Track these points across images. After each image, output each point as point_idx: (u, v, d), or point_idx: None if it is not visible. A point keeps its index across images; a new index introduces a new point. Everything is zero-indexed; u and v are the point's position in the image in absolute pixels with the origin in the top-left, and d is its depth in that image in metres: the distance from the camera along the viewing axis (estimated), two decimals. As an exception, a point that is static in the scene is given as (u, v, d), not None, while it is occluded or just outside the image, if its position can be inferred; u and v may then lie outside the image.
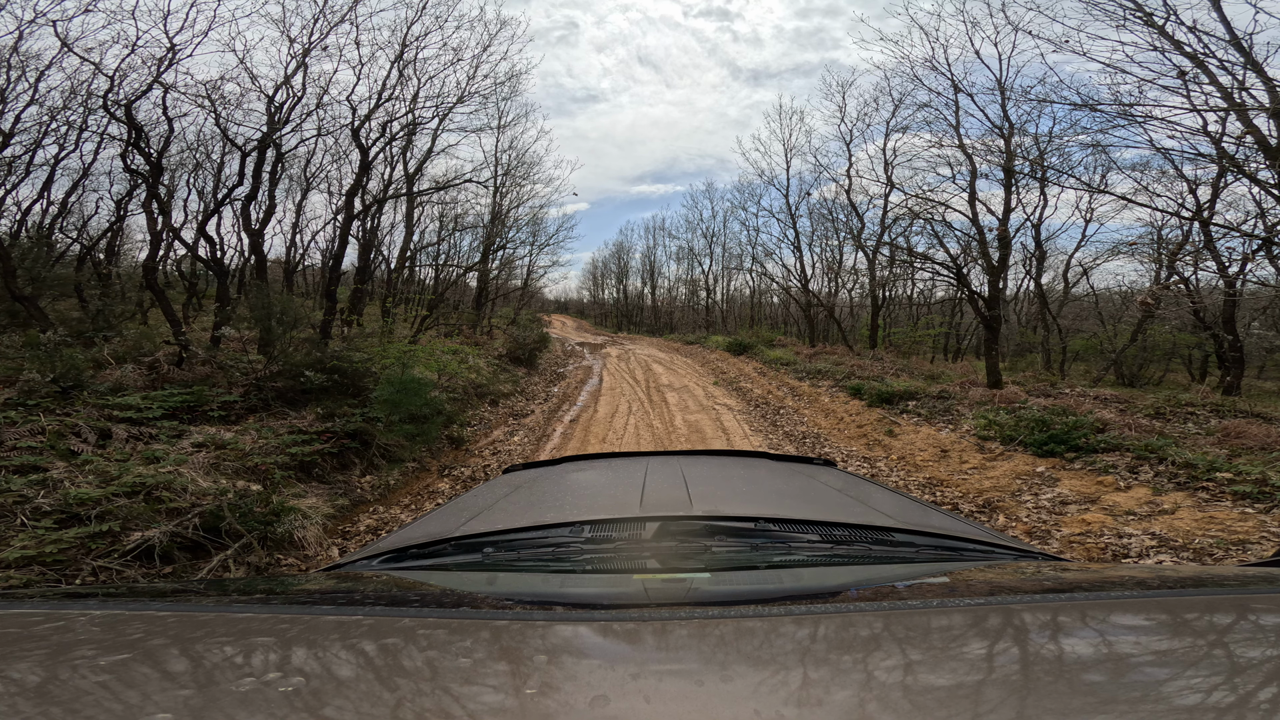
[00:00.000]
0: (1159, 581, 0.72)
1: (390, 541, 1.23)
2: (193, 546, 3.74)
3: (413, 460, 6.17)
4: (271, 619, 0.56)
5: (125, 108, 7.18)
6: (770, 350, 16.10)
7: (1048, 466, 5.03)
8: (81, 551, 3.36)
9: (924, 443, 6.17)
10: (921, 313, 22.75)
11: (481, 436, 7.74)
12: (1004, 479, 5.04)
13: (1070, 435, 5.13)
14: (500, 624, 0.54)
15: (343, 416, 5.68)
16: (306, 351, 6.07)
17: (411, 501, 5.52)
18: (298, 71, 8.21)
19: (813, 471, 1.74)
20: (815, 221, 21.11)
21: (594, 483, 1.65)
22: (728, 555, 0.95)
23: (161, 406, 5.11)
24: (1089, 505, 4.42)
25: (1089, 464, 4.87)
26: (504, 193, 17.76)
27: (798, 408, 9.19)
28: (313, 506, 4.61)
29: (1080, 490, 4.62)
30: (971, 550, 1.06)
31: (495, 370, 11.42)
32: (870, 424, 7.21)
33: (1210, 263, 10.25)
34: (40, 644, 0.49)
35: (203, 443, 4.84)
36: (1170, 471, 4.52)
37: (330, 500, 4.98)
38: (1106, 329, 15.57)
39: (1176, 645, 0.51)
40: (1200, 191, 11.16)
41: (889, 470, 5.81)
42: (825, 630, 0.52)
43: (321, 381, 5.66)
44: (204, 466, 4.61)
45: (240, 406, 5.78)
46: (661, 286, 41.10)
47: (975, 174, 10.47)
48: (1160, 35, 6.71)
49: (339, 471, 5.47)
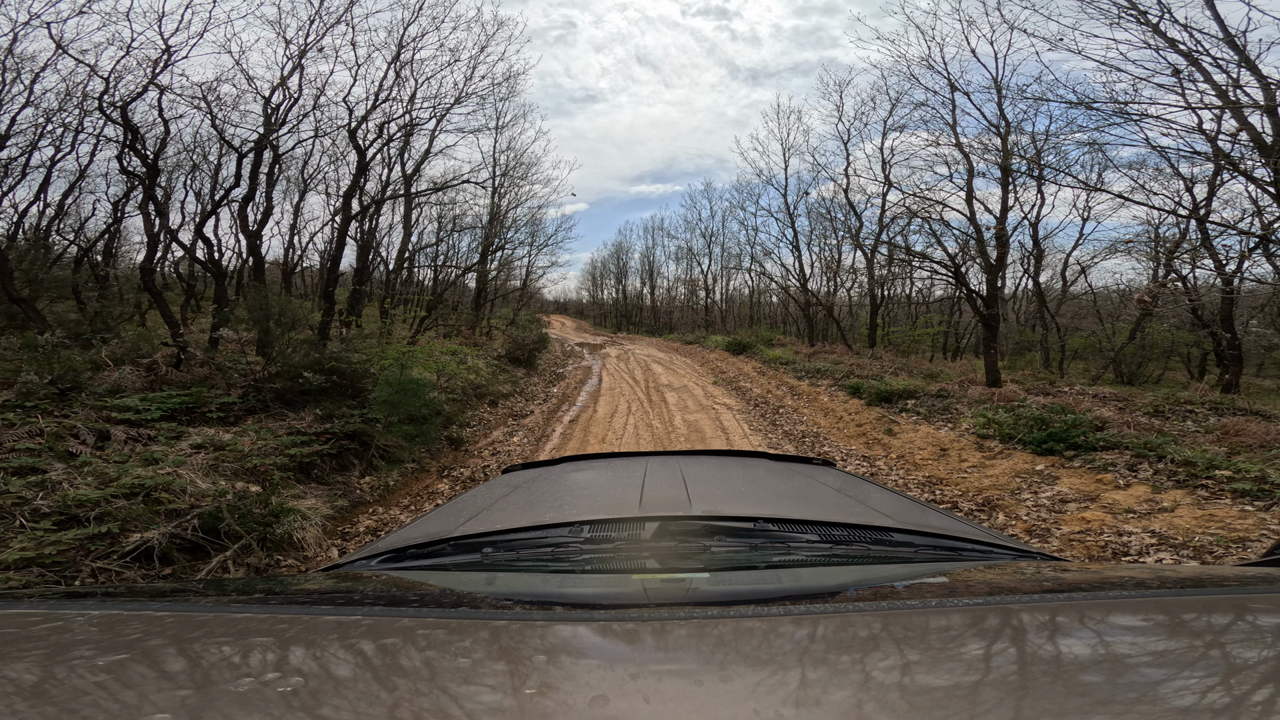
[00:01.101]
0: (1157, 582, 0.72)
1: (389, 541, 1.23)
2: (192, 548, 3.74)
3: (412, 461, 6.17)
4: (270, 619, 0.56)
5: (121, 109, 7.17)
6: (769, 350, 16.11)
7: (1047, 465, 5.03)
8: (81, 553, 3.35)
9: (923, 441, 6.17)
10: (920, 312, 22.76)
11: (481, 437, 7.73)
12: (1003, 477, 5.04)
13: (1069, 433, 5.13)
14: (499, 624, 0.54)
15: (341, 418, 5.67)
16: (304, 353, 6.06)
17: (411, 502, 5.52)
18: (294, 73, 8.20)
19: (812, 471, 1.74)
20: (814, 221, 21.13)
21: (593, 483, 1.65)
22: (727, 555, 0.95)
23: (160, 408, 5.10)
24: (1088, 503, 4.42)
25: (1088, 462, 4.88)
26: (502, 193, 17.76)
27: (797, 407, 9.20)
28: (312, 508, 4.60)
29: (1080, 488, 4.62)
30: (970, 550, 1.06)
31: (494, 371, 11.41)
32: (869, 423, 7.22)
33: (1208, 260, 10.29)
34: (38, 644, 0.49)
35: (201, 444, 4.83)
36: (1169, 469, 4.52)
37: (329, 501, 4.97)
38: (1105, 327, 15.59)
39: (1175, 646, 0.51)
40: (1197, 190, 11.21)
41: (888, 469, 5.81)
42: (824, 630, 0.52)
43: (320, 383, 5.65)
44: (203, 468, 4.60)
45: (239, 408, 5.77)
46: (660, 287, 41.13)
47: (972, 172, 10.49)
48: (1154, 33, 6.72)
49: (338, 472, 5.47)
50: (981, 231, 9.96)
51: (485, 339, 15.97)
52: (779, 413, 8.85)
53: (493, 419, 8.73)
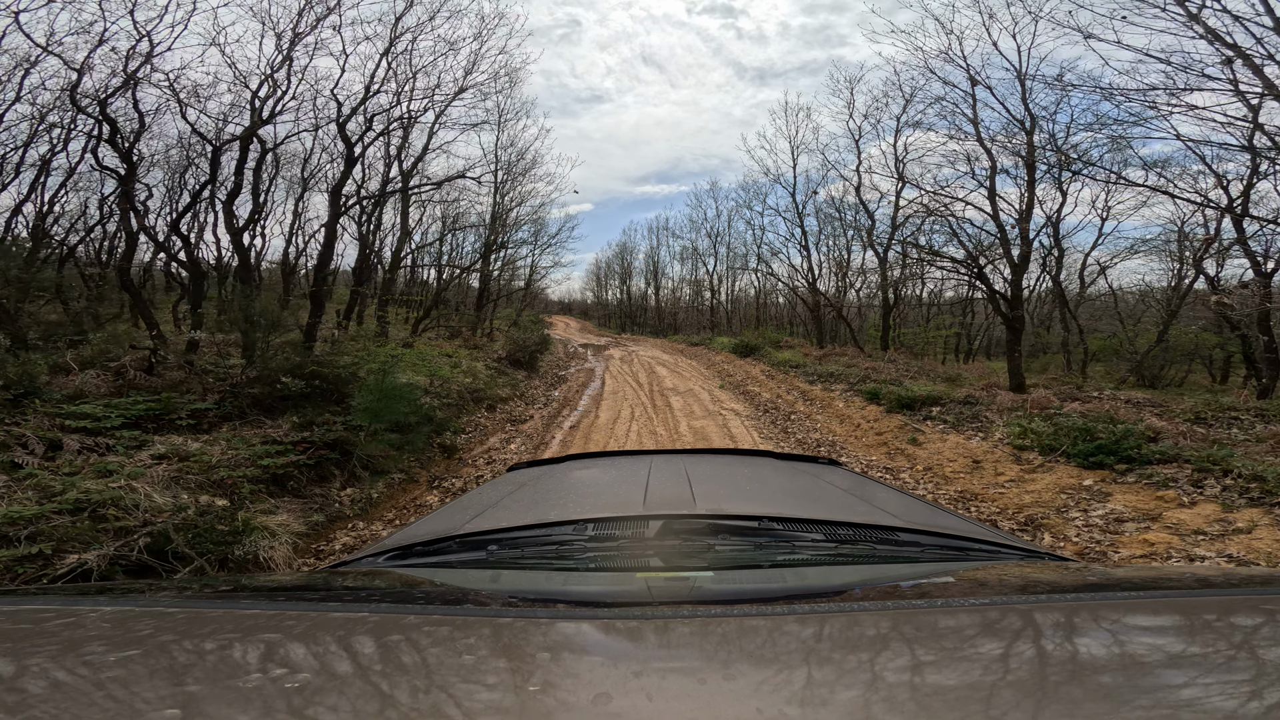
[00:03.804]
0: (1169, 582, 0.71)
1: (396, 539, 1.23)
2: (138, 570, 3.34)
3: (399, 471, 5.75)
4: (278, 615, 0.57)
5: (100, 103, 6.81)
6: (778, 352, 15.62)
7: (1095, 480, 4.54)
8: (8, 576, 2.98)
9: (952, 452, 5.68)
10: (931, 313, 22.23)
11: (476, 444, 7.32)
12: (1046, 493, 4.56)
13: (1120, 445, 4.64)
14: (504, 621, 0.54)
15: (323, 425, 5.26)
16: (286, 356, 5.65)
17: (396, 516, 5.10)
18: (283, 65, 7.81)
19: (817, 471, 1.71)
20: (823, 221, 20.62)
21: (598, 481, 1.65)
22: (731, 554, 0.93)
23: (123, 415, 4.69)
24: (1149, 523, 3.94)
25: (1144, 477, 4.39)
26: (504, 192, 17.39)
27: (810, 413, 8.72)
28: (282, 524, 4.20)
29: (1137, 506, 4.14)
30: (977, 550, 1.04)
31: (493, 374, 10.99)
32: (891, 431, 6.72)
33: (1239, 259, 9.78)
34: (52, 639, 0.50)
35: (165, 454, 4.42)
36: (1240, 485, 4.03)
37: (304, 516, 4.56)
38: (1126, 329, 15.08)
39: (1190, 647, 0.49)
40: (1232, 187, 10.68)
41: (915, 482, 5.33)
42: (829, 629, 0.52)
43: (300, 388, 5.24)
44: (163, 480, 4.20)
45: (214, 415, 5.36)
46: (665, 287, 40.52)
47: (995, 169, 9.98)
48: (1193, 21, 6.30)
49: (317, 484, 5.05)
50: (1005, 229, 9.46)
51: (486, 340, 15.56)
52: (791, 419, 8.38)
53: (490, 425, 8.32)
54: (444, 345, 12.72)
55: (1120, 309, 16.51)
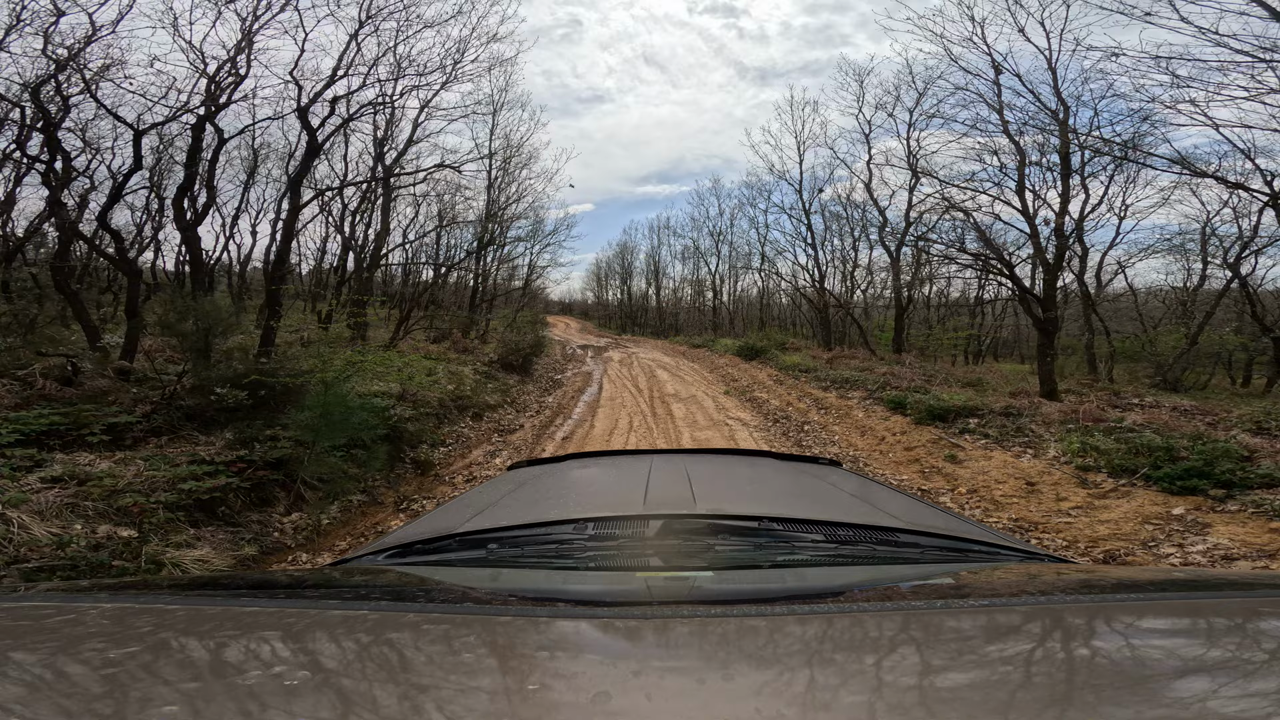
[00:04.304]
0: (1171, 584, 0.70)
1: (396, 537, 1.22)
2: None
3: (360, 492, 4.99)
4: (278, 613, 0.56)
5: (31, 91, 6.07)
6: (785, 355, 14.84)
7: (1187, 507, 3.77)
8: None
9: (1000, 472, 4.90)
10: (939, 315, 21.46)
11: (457, 459, 6.56)
12: (1126, 524, 3.79)
13: (1212, 467, 3.87)
14: (503, 620, 0.54)
15: (267, 441, 4.50)
16: (230, 364, 4.90)
17: (349, 546, 4.33)
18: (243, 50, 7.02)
19: (818, 471, 1.69)
20: (829, 219, 19.86)
21: (598, 480, 1.65)
22: (731, 554, 0.92)
23: (19, 431, 3.94)
24: (1268, 562, 3.18)
25: (1250, 504, 3.62)
26: (499, 187, 16.66)
27: (825, 423, 7.94)
28: (200, 559, 3.46)
29: (1246, 540, 3.37)
30: (977, 551, 1.03)
31: (481, 379, 10.21)
32: (923, 446, 5.93)
33: None
34: (51, 636, 0.50)
35: (61, 476, 3.67)
36: (1380, 521, 3.27)
37: (233, 548, 3.81)
38: (1148, 330, 14.37)
39: (1191, 647, 0.49)
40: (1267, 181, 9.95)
41: (958, 508, 4.56)
42: (828, 630, 0.51)
43: (240, 399, 4.48)
44: (54, 508, 3.46)
45: (140, 429, 4.60)
46: (666, 287, 39.61)
47: (1024, 161, 9.21)
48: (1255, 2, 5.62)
49: (255, 509, 4.29)
50: (1036, 226, 8.70)
51: (479, 343, 14.79)
52: (804, 430, 7.61)
53: (474, 436, 7.56)
54: (430, 348, 11.95)
55: (1141, 309, 15.86)
